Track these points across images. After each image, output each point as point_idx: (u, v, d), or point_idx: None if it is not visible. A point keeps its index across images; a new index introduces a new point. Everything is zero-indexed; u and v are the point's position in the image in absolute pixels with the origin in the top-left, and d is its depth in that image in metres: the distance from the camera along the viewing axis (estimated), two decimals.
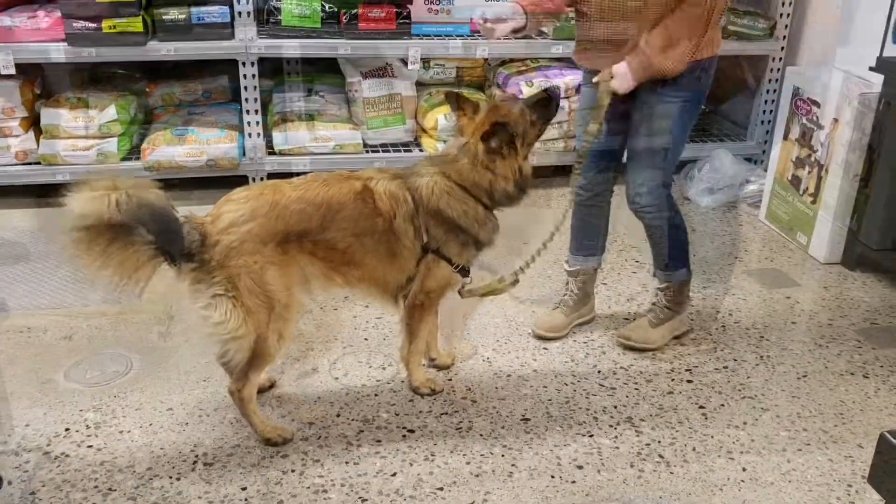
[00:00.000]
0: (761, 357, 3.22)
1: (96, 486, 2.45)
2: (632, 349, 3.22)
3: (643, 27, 2.76)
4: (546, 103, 2.79)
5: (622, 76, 2.81)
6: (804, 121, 4.12)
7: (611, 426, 2.78)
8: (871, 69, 3.68)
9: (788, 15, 4.95)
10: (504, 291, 3.01)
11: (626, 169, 3.05)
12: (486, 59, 5.12)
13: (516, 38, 4.84)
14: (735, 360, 3.20)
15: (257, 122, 4.62)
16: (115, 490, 2.44)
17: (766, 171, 4.50)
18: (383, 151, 4.86)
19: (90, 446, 2.62)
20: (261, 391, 2.87)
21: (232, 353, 2.54)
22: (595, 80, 2.92)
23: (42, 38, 4.27)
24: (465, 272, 2.81)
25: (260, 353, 2.55)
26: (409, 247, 2.68)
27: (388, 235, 2.65)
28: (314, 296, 2.88)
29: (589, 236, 3.28)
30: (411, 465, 2.57)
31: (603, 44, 2.88)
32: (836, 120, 3.90)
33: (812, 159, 4.08)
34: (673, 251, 3.14)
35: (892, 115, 3.62)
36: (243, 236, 2.46)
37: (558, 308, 3.36)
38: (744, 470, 2.59)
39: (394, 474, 2.53)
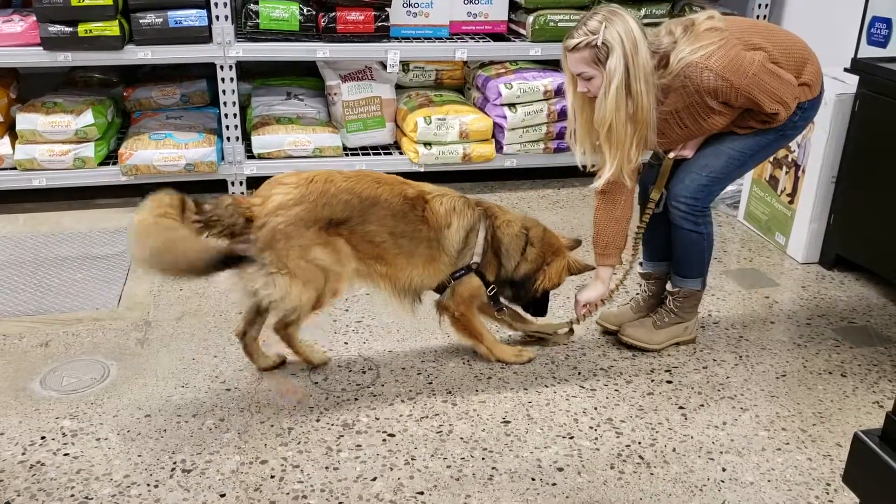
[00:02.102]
0: (740, 357, 3.24)
1: (73, 495, 2.42)
2: (631, 347, 3.23)
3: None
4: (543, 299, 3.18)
5: (690, 147, 3.01)
6: None
7: (591, 427, 2.79)
8: (846, 70, 3.72)
9: (765, 17, 4.99)
10: (562, 340, 3.30)
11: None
12: (465, 62, 5.13)
13: (496, 43, 4.87)
14: (714, 360, 3.21)
15: (236, 126, 4.60)
16: (92, 499, 2.41)
17: None
18: (363, 154, 4.85)
19: (66, 454, 2.59)
20: (269, 369, 3.06)
21: (295, 315, 2.83)
22: (671, 156, 3.03)
23: (17, 42, 4.23)
24: (496, 302, 3.09)
25: (318, 306, 2.84)
26: (450, 256, 2.94)
27: (430, 243, 2.89)
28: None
29: (657, 241, 3.26)
30: (391, 469, 2.56)
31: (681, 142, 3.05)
32: (812, 121, 3.92)
33: (789, 160, 4.11)
34: (691, 259, 3.13)
35: (868, 115, 3.65)
36: (290, 219, 2.67)
37: (628, 304, 3.41)
38: (723, 470, 2.60)
39: (374, 479, 2.52)
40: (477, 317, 3.11)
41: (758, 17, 4.96)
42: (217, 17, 4.36)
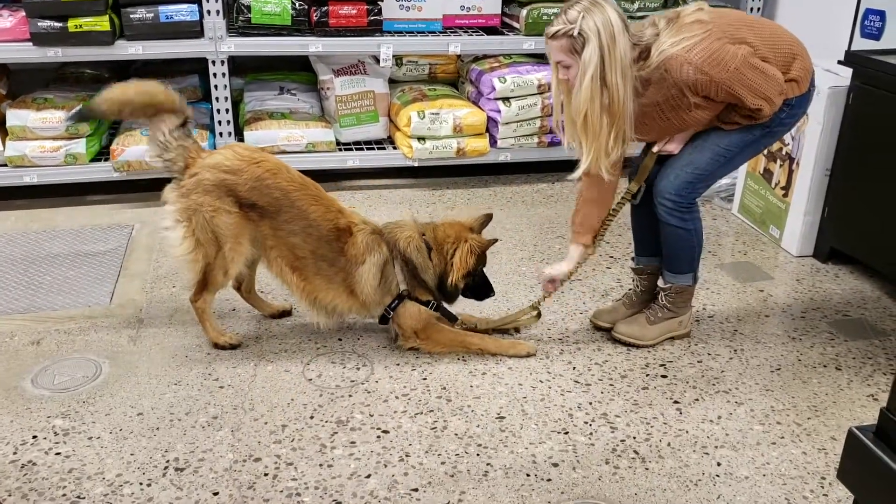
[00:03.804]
0: (735, 351, 3.24)
1: (64, 495, 2.40)
2: (624, 343, 3.22)
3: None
4: (486, 283, 3.18)
5: (676, 140, 2.98)
6: None
7: (586, 423, 2.78)
8: (839, 63, 3.71)
9: (759, 9, 4.98)
10: (530, 323, 3.31)
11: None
12: (458, 56, 5.11)
13: (490, 36, 4.86)
14: (709, 354, 3.21)
15: (228, 122, 4.58)
16: (84, 498, 2.40)
17: None
18: (356, 149, 4.83)
19: (58, 453, 2.57)
20: (275, 317, 3.36)
21: (183, 270, 3.05)
22: (655, 150, 3.02)
23: (6, 37, 4.20)
24: (445, 314, 3.15)
25: (209, 280, 3.00)
26: (369, 291, 3.02)
27: (348, 276, 3.00)
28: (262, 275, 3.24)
29: (647, 237, 3.25)
30: (385, 466, 2.55)
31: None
32: (806, 114, 3.91)
33: (783, 153, 4.10)
34: (680, 254, 3.11)
35: (861, 108, 3.65)
36: (215, 181, 2.87)
37: (620, 301, 3.39)
38: (718, 465, 2.60)
39: (368, 476, 2.51)
40: (444, 332, 3.13)
41: (751, 9, 4.95)
42: (208, 12, 4.34)
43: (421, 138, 4.70)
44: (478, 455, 2.61)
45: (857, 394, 2.98)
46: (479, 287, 3.17)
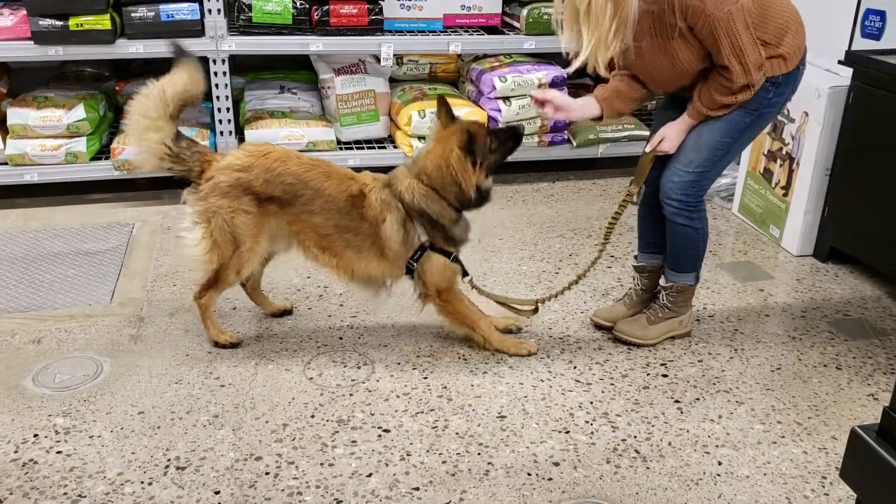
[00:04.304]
0: (735, 350, 3.24)
1: (66, 493, 2.40)
2: (625, 343, 3.23)
3: (687, 83, 2.89)
4: (510, 136, 3.03)
5: (670, 139, 2.96)
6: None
7: (587, 422, 2.78)
8: (840, 63, 3.71)
9: None
10: (524, 316, 3.27)
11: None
12: (459, 55, 5.11)
13: (490, 36, 4.86)
14: (710, 353, 3.21)
15: (229, 120, 4.58)
16: (85, 496, 2.40)
17: (738, 164, 4.53)
18: (357, 148, 4.83)
19: (59, 452, 2.57)
20: (276, 315, 3.37)
21: (195, 270, 3.06)
22: (647, 149, 3.02)
23: (7, 36, 4.20)
24: (460, 265, 3.08)
25: (220, 279, 3.02)
26: (397, 249, 2.97)
27: (374, 238, 2.96)
28: (293, 258, 3.23)
29: (651, 235, 3.25)
30: (387, 465, 2.55)
31: (664, 88, 3.02)
32: (806, 113, 3.92)
33: (784, 152, 4.11)
34: (686, 253, 3.11)
35: (862, 107, 3.65)
36: (230, 181, 2.89)
37: (621, 300, 3.39)
38: (719, 464, 2.60)
39: (369, 475, 2.51)
40: (462, 303, 3.11)
41: None
42: (209, 11, 4.34)
43: (421, 137, 4.69)
44: (479, 454, 2.61)
45: (857, 393, 2.98)
46: (504, 151, 3.02)
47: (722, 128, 2.89)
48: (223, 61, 4.43)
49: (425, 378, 3.01)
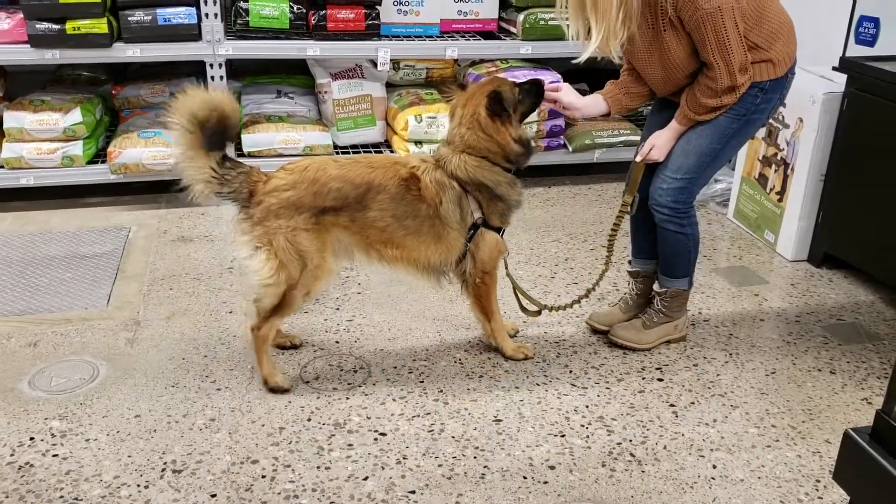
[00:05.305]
0: (730, 355, 3.25)
1: (62, 496, 2.40)
2: (621, 347, 3.24)
3: (680, 82, 2.91)
4: (533, 88, 3.00)
5: (659, 148, 2.97)
6: (770, 120, 4.17)
7: (582, 426, 2.79)
8: (834, 69, 3.73)
9: None
10: (527, 313, 3.28)
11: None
12: (456, 60, 5.12)
13: (487, 41, 4.87)
14: (705, 357, 3.22)
15: None
16: (82, 500, 2.40)
17: (733, 169, 4.55)
18: (354, 153, 4.84)
19: (55, 455, 2.57)
20: (284, 347, 3.19)
21: (263, 297, 2.86)
22: (637, 159, 3.04)
23: (4, 39, 4.21)
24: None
25: (286, 303, 2.86)
26: (456, 227, 2.93)
27: (433, 220, 2.90)
28: (355, 266, 3.26)
29: (644, 240, 3.26)
30: (383, 468, 2.56)
31: (658, 87, 3.03)
32: (801, 119, 3.95)
33: (778, 158, 4.13)
34: (677, 259, 3.13)
35: (856, 114, 3.67)
36: (282, 202, 2.78)
37: (617, 305, 3.40)
38: (714, 467, 2.61)
39: (365, 478, 2.51)
40: (494, 290, 3.10)
41: None
42: (206, 15, 4.35)
43: (418, 142, 4.71)
44: (475, 458, 2.62)
45: (851, 397, 3.00)
46: (530, 103, 3.01)
47: (710, 134, 2.91)
48: (220, 65, 4.43)
49: (421, 382, 3.01)
